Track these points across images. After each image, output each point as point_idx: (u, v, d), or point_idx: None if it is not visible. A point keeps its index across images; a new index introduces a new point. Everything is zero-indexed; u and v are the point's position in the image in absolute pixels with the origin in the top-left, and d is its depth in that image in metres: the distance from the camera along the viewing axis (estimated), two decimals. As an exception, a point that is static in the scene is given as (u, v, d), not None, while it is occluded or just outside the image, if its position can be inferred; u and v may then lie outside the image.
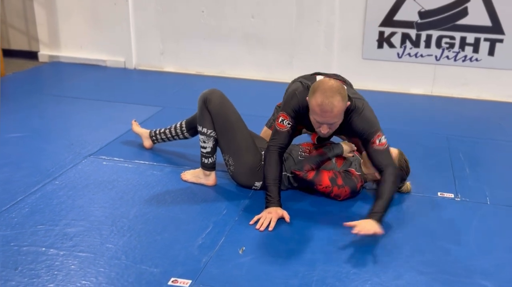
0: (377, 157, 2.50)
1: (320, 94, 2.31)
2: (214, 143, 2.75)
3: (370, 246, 2.32)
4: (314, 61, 4.86)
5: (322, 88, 2.33)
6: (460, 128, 3.90)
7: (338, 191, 2.64)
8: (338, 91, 2.33)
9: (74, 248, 2.24)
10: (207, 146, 2.75)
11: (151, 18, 5.22)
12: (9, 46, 5.88)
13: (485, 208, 2.69)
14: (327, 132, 2.44)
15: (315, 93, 2.34)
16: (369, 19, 4.63)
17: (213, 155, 2.78)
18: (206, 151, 2.77)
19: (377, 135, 2.51)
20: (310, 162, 2.66)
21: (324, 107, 2.31)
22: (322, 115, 2.34)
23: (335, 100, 2.30)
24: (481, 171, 3.12)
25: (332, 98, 2.30)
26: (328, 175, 2.64)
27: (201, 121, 2.73)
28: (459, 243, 2.36)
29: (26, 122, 3.78)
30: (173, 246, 2.27)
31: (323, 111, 2.32)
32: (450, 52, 4.56)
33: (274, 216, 2.45)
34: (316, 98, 2.32)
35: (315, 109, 2.35)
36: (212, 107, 2.69)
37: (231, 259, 2.18)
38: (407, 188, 2.81)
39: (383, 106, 4.35)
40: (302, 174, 2.64)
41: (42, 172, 2.96)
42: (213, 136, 2.73)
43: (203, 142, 2.75)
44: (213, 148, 2.76)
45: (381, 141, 2.50)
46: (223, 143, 2.74)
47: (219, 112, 2.69)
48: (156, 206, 2.62)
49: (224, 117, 2.69)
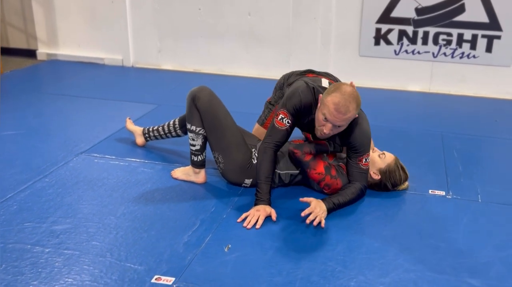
0: (354, 173, 2.63)
1: (340, 95, 2.34)
2: (203, 141, 2.74)
3: (358, 243, 2.30)
4: (311, 58, 4.84)
5: (343, 90, 2.36)
6: (456, 125, 3.87)
7: (330, 181, 2.63)
8: (356, 98, 2.37)
9: (60, 245, 2.23)
10: (196, 143, 2.74)
11: (148, 16, 5.21)
12: (7, 45, 5.89)
13: (476, 205, 2.67)
14: (328, 133, 2.45)
15: (335, 92, 2.36)
16: (365, 16, 4.61)
17: (203, 153, 2.77)
18: (195, 149, 2.75)
19: (366, 155, 2.60)
20: (310, 146, 2.67)
21: (340, 108, 2.33)
22: (333, 115, 2.36)
23: (351, 106, 2.35)
24: (474, 169, 3.10)
25: (349, 103, 2.34)
26: (324, 164, 2.65)
27: (189, 119, 2.72)
28: (448, 241, 2.34)
29: (22, 120, 3.78)
30: (158, 243, 2.26)
31: (337, 111, 2.34)
32: (448, 49, 4.52)
33: (262, 214, 2.44)
34: (334, 97, 2.34)
35: (329, 107, 2.35)
36: (200, 104, 2.67)
37: (216, 257, 2.17)
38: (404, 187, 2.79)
39: (380, 104, 4.35)
40: (299, 153, 2.64)
41: (33, 170, 2.95)
42: (202, 133, 2.72)
43: (192, 139, 2.74)
44: (202, 146, 2.75)
45: (366, 161, 2.61)
46: (212, 140, 2.72)
47: (208, 109, 2.67)
48: (144, 203, 2.61)
49: (212, 115, 2.68)
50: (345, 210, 2.58)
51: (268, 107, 3.07)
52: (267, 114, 3.05)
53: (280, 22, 4.88)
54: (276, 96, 3.04)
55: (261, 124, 3.06)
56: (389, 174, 2.70)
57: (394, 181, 2.71)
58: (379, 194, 2.75)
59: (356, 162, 2.61)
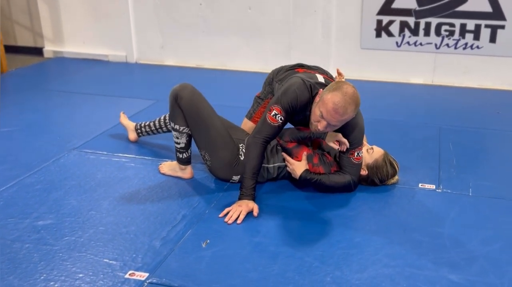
0: (345, 166, 2.60)
1: (341, 95, 2.30)
2: (187, 139, 2.72)
3: (338, 238, 2.26)
4: (312, 51, 4.79)
5: (345, 90, 2.32)
6: (456, 118, 3.79)
7: (311, 168, 2.60)
8: (356, 100, 2.33)
9: (39, 241, 2.24)
10: (181, 142, 2.72)
11: (150, 12, 5.22)
12: (15, 43, 5.96)
13: (466, 199, 2.60)
14: (322, 130, 2.42)
15: (336, 91, 2.32)
16: (366, 8, 4.53)
17: (187, 150, 2.76)
18: (180, 146, 2.74)
19: (358, 148, 2.57)
20: (291, 135, 2.67)
21: (338, 108, 2.30)
22: (331, 114, 2.33)
23: (350, 108, 2.31)
24: (468, 162, 3.03)
25: (348, 105, 2.30)
26: (307, 151, 2.63)
27: (172, 118, 2.69)
28: (432, 235, 2.29)
29: (20, 117, 3.82)
30: (137, 239, 2.26)
31: (335, 111, 2.31)
32: (450, 40, 4.43)
33: (244, 209, 2.42)
34: (335, 96, 2.30)
35: (328, 105, 2.32)
36: (183, 103, 2.62)
37: (193, 252, 2.16)
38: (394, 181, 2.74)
39: (381, 97, 4.28)
40: (282, 141, 2.68)
41: (23, 166, 2.98)
42: (186, 132, 2.69)
43: (176, 138, 2.72)
44: (187, 144, 2.73)
45: (358, 155, 2.58)
46: (198, 139, 2.69)
47: (191, 108, 2.63)
48: (129, 199, 2.61)
49: (196, 113, 2.63)
50: (330, 204, 2.54)
51: (257, 101, 3.04)
52: (255, 108, 3.03)
53: (281, 15, 4.84)
54: (265, 91, 3.00)
55: (249, 118, 3.03)
56: (376, 170, 2.66)
57: (381, 176, 2.66)
58: (367, 188, 2.70)
59: (347, 156, 2.58)
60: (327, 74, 2.85)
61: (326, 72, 2.89)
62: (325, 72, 2.87)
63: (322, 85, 2.55)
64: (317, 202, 2.58)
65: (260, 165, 2.53)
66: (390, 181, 2.72)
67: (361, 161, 2.63)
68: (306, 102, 2.51)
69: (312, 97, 2.51)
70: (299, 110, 2.53)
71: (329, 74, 2.87)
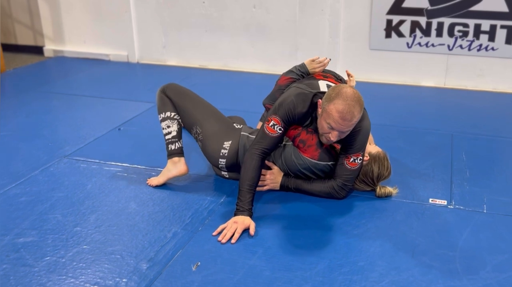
0: (337, 169, 2.48)
1: (342, 102, 2.21)
2: (178, 127, 2.66)
3: (341, 262, 2.08)
4: (319, 52, 4.58)
5: (345, 95, 2.22)
6: (469, 123, 3.58)
7: (305, 136, 2.45)
8: (359, 100, 2.24)
9: (18, 261, 2.09)
10: (172, 130, 2.64)
11: (152, 10, 5.05)
12: (16, 41, 5.83)
13: (480, 217, 2.41)
14: (335, 140, 2.31)
15: (337, 99, 2.22)
16: (375, 7, 4.33)
17: (179, 139, 2.66)
18: (172, 135, 2.64)
19: (355, 154, 2.42)
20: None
21: (345, 115, 2.21)
22: (340, 123, 2.23)
23: (356, 110, 2.22)
24: (482, 174, 2.83)
25: (353, 107, 2.22)
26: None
27: (162, 108, 2.69)
28: (442, 259, 2.10)
29: (12, 120, 3.68)
30: (123, 260, 2.09)
31: (343, 119, 2.21)
32: (464, 41, 4.21)
33: (240, 227, 2.25)
34: (337, 105, 2.21)
35: (334, 116, 2.22)
36: (170, 91, 2.68)
37: (181, 277, 1.99)
38: (385, 192, 2.55)
39: (391, 100, 4.09)
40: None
41: (10, 175, 2.83)
42: (176, 119, 2.66)
43: (167, 127, 2.65)
44: (179, 132, 2.66)
45: (355, 161, 2.44)
46: (188, 117, 2.66)
47: (179, 93, 2.69)
48: (117, 213, 2.45)
49: (184, 95, 2.69)
50: (333, 221, 2.36)
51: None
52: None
53: (287, 14, 4.65)
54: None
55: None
56: (378, 159, 2.52)
57: (380, 167, 2.51)
58: (373, 204, 2.51)
59: (343, 159, 2.45)
60: (337, 77, 2.68)
61: (336, 75, 2.71)
62: (335, 76, 2.69)
63: (324, 94, 2.41)
64: (320, 219, 2.40)
65: (258, 178, 2.37)
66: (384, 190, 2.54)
67: (356, 168, 2.45)
68: (305, 112, 2.39)
69: (312, 107, 2.39)
70: (297, 120, 2.41)
71: (340, 77, 2.71)
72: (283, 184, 2.56)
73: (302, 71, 2.65)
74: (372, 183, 2.56)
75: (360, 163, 2.44)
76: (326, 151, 2.46)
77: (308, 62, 2.65)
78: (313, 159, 2.46)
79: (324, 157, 2.46)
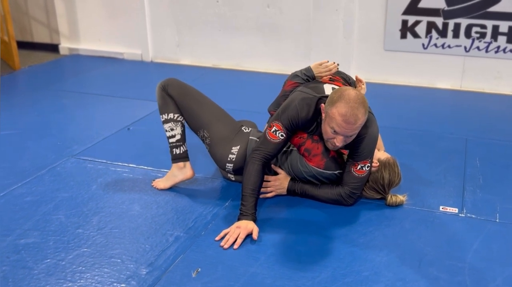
0: (344, 177, 2.42)
1: (345, 104, 2.14)
2: (182, 129, 2.59)
3: (344, 271, 2.02)
4: (333, 52, 4.53)
5: (347, 97, 2.15)
6: (485, 128, 3.48)
7: (310, 145, 2.40)
8: (362, 102, 2.17)
9: (18, 263, 2.07)
10: (176, 133, 2.57)
11: (166, 9, 5.03)
12: (32, 39, 5.85)
13: (492, 226, 2.33)
14: (340, 145, 2.25)
15: (339, 102, 2.15)
16: (391, 7, 4.24)
17: (184, 143, 2.60)
18: (176, 139, 2.58)
19: (363, 161, 2.34)
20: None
21: (348, 118, 2.14)
22: (343, 127, 2.16)
23: (360, 112, 2.15)
24: (496, 181, 2.74)
25: (357, 110, 2.14)
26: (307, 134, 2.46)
27: (164, 109, 2.58)
28: (451, 271, 2.03)
29: (22, 119, 3.68)
30: (122, 264, 2.06)
31: (347, 123, 2.14)
32: (481, 42, 4.10)
33: (243, 232, 2.20)
34: (340, 108, 2.14)
35: (337, 120, 2.15)
36: (172, 90, 2.57)
37: (180, 283, 1.95)
38: (397, 201, 2.48)
39: (405, 102, 4.01)
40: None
41: (16, 174, 2.82)
42: (180, 121, 2.58)
43: (170, 130, 2.57)
44: (182, 135, 2.59)
45: (362, 169, 2.37)
46: (194, 120, 2.59)
47: (181, 92, 2.58)
48: (120, 215, 2.42)
49: (187, 95, 2.58)
50: (339, 228, 2.31)
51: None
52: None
53: (300, 14, 4.58)
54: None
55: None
56: (388, 165, 2.46)
57: (391, 174, 2.44)
58: (381, 212, 2.45)
59: (350, 167, 2.38)
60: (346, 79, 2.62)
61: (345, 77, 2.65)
62: (344, 78, 2.63)
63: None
64: (326, 225, 2.35)
65: (260, 181, 2.33)
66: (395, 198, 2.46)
67: (364, 176, 2.39)
68: (310, 118, 2.33)
69: (316, 112, 2.34)
70: (301, 126, 2.35)
71: (350, 80, 2.65)
72: (290, 188, 2.51)
73: (308, 75, 2.57)
74: (383, 191, 2.48)
75: (368, 171, 2.38)
76: (333, 160, 2.40)
77: (314, 66, 2.57)
78: (318, 168, 2.40)
79: (330, 166, 2.40)
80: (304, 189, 2.49)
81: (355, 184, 2.40)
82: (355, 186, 2.40)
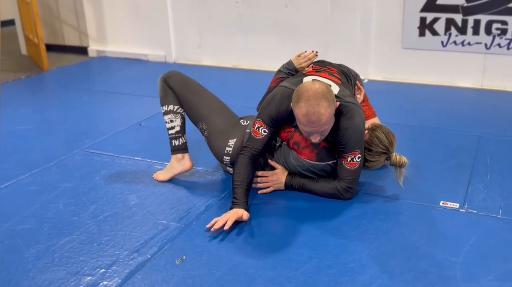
0: (338, 171, 2.38)
1: (304, 103, 2.10)
2: (182, 121, 2.61)
3: (330, 263, 1.98)
4: (351, 50, 4.48)
5: (306, 95, 2.10)
6: (501, 126, 3.36)
7: (298, 137, 2.38)
8: (323, 96, 2.10)
9: (10, 247, 2.12)
10: (176, 124, 2.59)
11: (187, 10, 5.09)
12: (63, 42, 6.03)
13: (493, 222, 2.23)
14: (318, 140, 2.22)
15: (299, 102, 2.12)
16: (409, 4, 4.16)
17: (183, 134, 2.62)
18: (175, 130, 2.60)
19: (352, 153, 2.30)
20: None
21: (311, 117, 2.10)
22: (310, 126, 2.14)
23: (322, 107, 2.09)
24: (504, 178, 2.63)
25: (318, 106, 2.09)
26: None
27: (164, 100, 2.61)
28: (442, 265, 1.96)
29: (42, 115, 3.81)
30: (109, 251, 2.08)
31: (310, 122, 2.12)
32: (502, 39, 3.97)
33: (233, 216, 2.19)
34: (301, 108, 2.11)
35: (301, 120, 2.14)
36: (173, 82, 2.60)
37: (163, 270, 1.95)
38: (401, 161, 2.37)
39: (424, 101, 3.92)
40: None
41: (26, 165, 2.90)
42: (180, 112, 2.60)
43: (170, 121, 2.60)
44: (182, 127, 2.61)
45: (353, 160, 2.32)
46: (193, 111, 2.61)
47: (182, 83, 2.60)
48: (115, 204, 2.45)
49: (188, 87, 2.60)
50: (332, 221, 2.27)
51: None
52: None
53: (318, 13, 4.56)
54: None
55: None
56: (376, 127, 2.42)
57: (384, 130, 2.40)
58: (378, 204, 2.39)
59: (340, 160, 2.35)
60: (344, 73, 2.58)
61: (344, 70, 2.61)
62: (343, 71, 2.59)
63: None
64: (319, 217, 2.31)
65: (249, 175, 2.34)
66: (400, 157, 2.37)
67: (356, 168, 2.33)
68: (291, 111, 2.26)
69: None
70: (284, 119, 2.34)
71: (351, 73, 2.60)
72: (288, 183, 2.48)
73: (289, 68, 2.55)
74: (387, 150, 2.39)
75: (359, 162, 2.33)
76: (324, 150, 2.37)
77: (294, 58, 2.54)
78: (310, 160, 2.37)
79: (323, 157, 2.37)
80: (302, 183, 2.46)
81: (349, 177, 2.35)
82: (350, 179, 2.36)
